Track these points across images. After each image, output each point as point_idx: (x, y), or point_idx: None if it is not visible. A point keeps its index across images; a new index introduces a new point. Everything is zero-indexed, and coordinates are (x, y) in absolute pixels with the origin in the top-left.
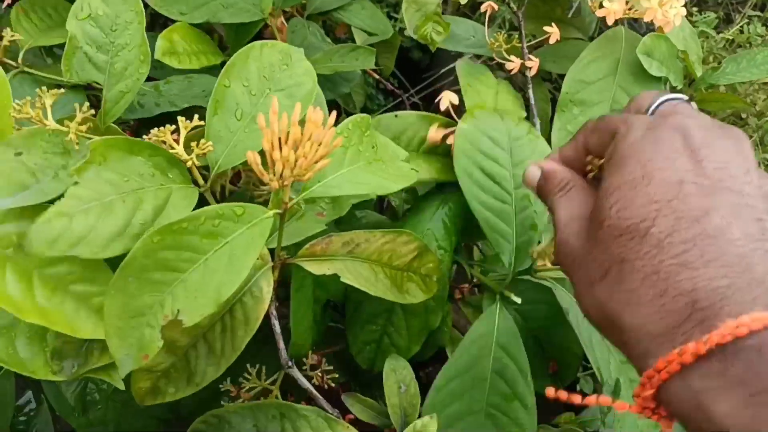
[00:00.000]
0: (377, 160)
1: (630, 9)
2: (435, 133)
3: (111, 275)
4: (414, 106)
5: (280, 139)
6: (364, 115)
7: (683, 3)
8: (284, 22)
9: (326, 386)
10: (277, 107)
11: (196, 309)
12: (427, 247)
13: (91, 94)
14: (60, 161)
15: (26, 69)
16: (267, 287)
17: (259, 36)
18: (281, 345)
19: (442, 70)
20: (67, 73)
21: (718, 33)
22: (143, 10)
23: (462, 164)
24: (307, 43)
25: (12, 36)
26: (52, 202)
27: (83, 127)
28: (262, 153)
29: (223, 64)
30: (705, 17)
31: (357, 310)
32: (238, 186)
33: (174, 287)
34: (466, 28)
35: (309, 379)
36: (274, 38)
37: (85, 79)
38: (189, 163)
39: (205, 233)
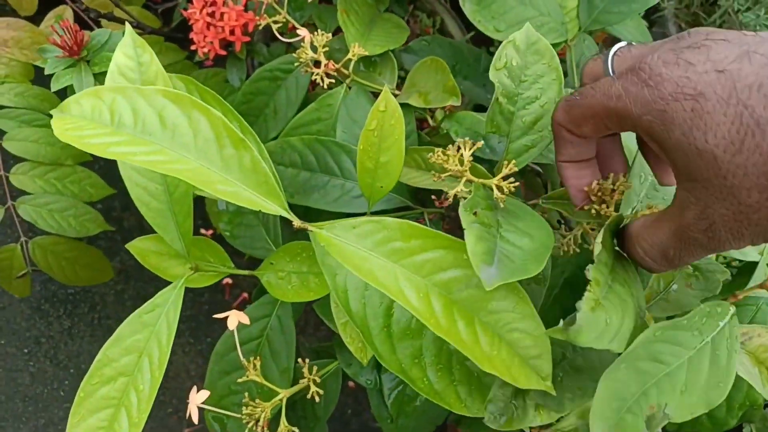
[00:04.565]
0: None
1: None
2: None
3: (541, 326)
4: None
5: None
6: None
7: None
8: None
9: None
10: None
11: (683, 406)
12: None
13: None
14: (493, 218)
15: (356, 78)
16: None
17: None
18: None
19: None
20: (487, 125)
21: None
22: (559, 65)
23: None
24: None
25: (357, 51)
26: None
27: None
28: None
29: None
30: None
31: None
32: None
33: (659, 379)
34: None
35: None
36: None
37: (495, 129)
38: None
39: (694, 329)
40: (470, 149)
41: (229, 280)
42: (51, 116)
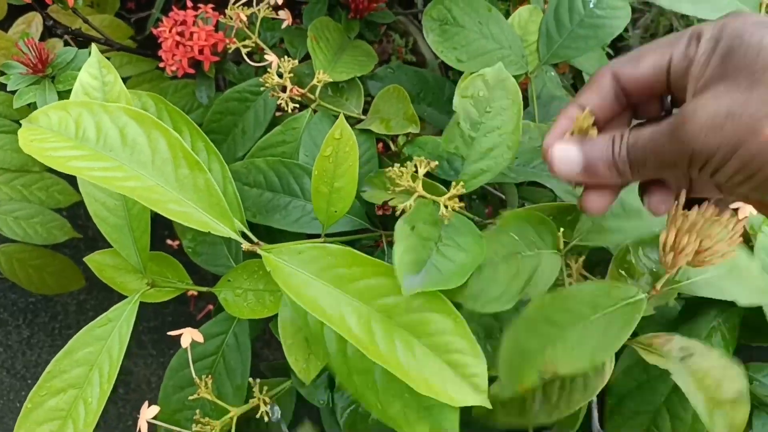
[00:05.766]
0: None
1: None
2: None
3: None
4: None
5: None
6: None
7: None
8: None
9: None
10: None
11: (570, 362)
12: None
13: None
14: (435, 232)
15: (322, 104)
16: (609, 364)
17: None
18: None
19: None
20: (445, 142)
21: None
22: (521, 101)
23: None
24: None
25: (322, 78)
26: None
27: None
28: None
29: None
30: None
31: (619, 404)
32: None
33: (554, 339)
34: None
35: None
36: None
37: (452, 149)
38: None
39: (587, 303)
40: (425, 167)
41: (194, 292)
42: (17, 122)
